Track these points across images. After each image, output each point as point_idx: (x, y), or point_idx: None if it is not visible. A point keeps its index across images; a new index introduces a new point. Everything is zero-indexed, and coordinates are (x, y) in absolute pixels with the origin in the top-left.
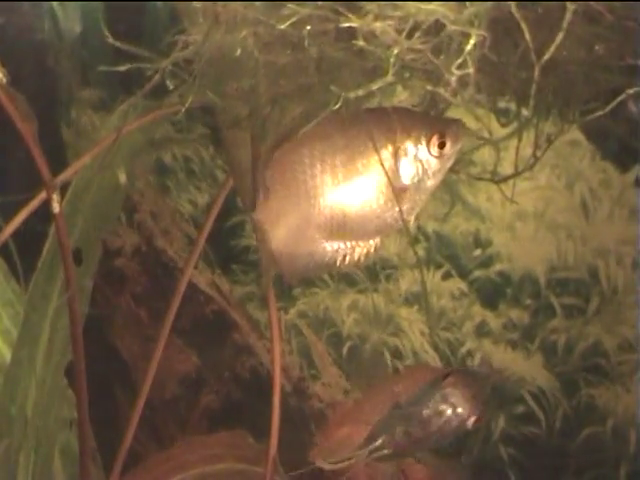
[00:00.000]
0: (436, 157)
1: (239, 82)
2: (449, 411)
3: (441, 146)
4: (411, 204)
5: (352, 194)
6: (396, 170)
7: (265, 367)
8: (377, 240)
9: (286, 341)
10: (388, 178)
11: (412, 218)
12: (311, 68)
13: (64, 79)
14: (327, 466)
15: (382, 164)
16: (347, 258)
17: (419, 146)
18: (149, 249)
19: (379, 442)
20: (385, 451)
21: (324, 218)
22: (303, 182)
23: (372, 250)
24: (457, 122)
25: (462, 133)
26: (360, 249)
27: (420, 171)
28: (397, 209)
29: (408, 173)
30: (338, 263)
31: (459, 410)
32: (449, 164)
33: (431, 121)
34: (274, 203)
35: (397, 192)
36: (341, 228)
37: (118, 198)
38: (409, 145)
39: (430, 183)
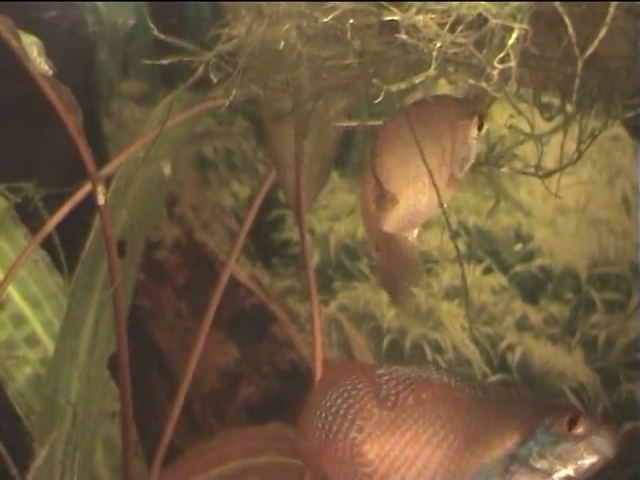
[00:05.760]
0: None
1: (282, 75)
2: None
3: None
4: None
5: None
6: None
7: (304, 360)
8: None
9: (326, 334)
10: None
11: None
12: (354, 62)
13: (106, 71)
14: None
15: None
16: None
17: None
18: (189, 242)
19: None
20: None
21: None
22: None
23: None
24: None
25: None
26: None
27: None
28: None
29: None
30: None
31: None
32: None
33: None
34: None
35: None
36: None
37: (161, 191)
38: None
39: None
